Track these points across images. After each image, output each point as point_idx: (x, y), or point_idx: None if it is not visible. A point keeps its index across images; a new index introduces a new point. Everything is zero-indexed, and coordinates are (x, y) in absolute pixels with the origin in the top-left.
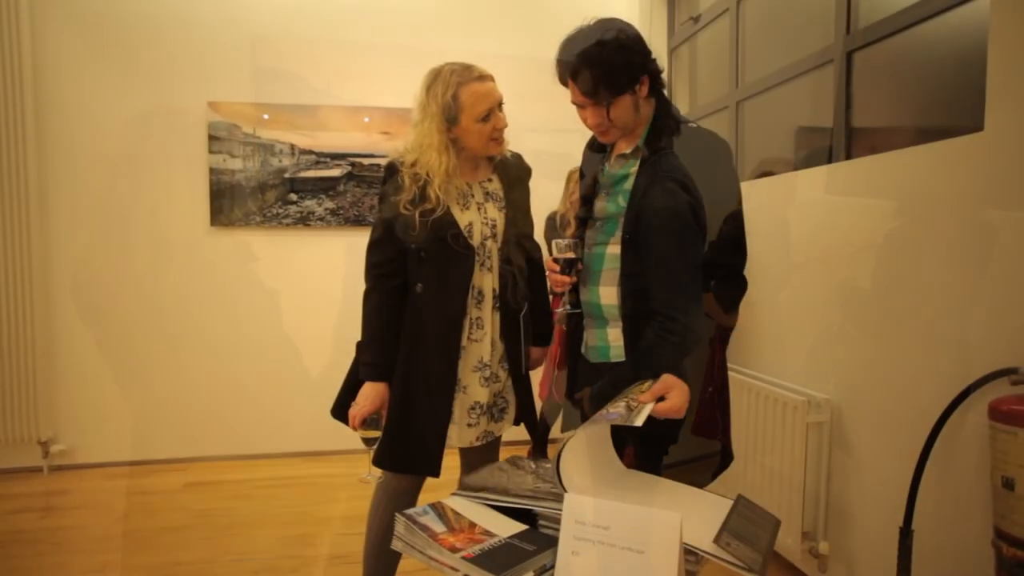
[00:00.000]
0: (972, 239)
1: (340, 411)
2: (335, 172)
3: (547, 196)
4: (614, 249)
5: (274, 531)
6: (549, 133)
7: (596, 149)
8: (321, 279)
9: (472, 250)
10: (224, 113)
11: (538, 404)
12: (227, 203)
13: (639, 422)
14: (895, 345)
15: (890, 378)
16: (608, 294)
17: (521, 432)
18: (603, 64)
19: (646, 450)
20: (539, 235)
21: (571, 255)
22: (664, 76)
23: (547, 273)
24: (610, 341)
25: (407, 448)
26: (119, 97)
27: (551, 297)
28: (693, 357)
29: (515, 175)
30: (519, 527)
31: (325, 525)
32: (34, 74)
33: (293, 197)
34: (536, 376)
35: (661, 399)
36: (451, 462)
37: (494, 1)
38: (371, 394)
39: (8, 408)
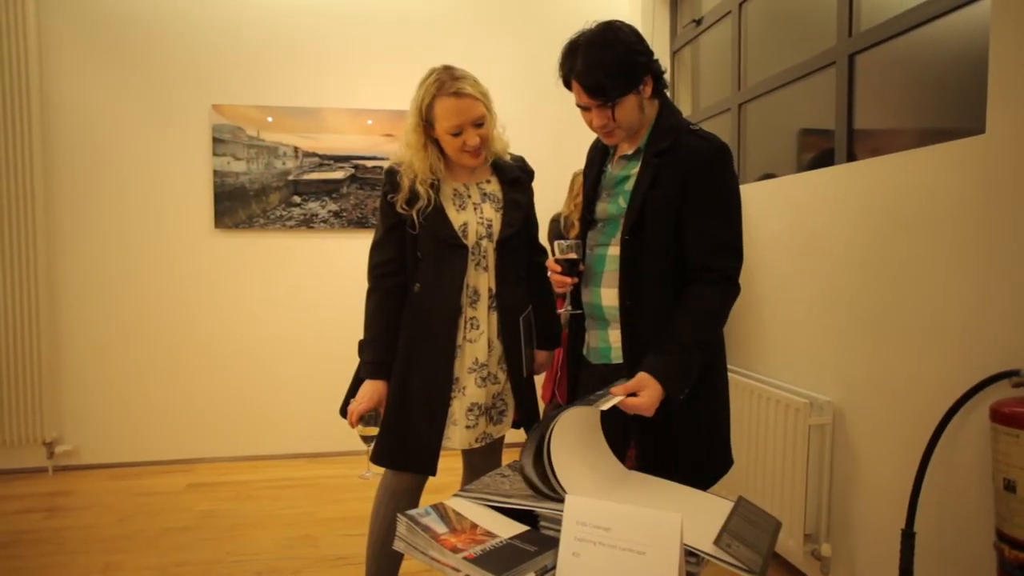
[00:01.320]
0: (973, 241)
1: (346, 410)
2: (338, 174)
3: (551, 199)
4: (615, 250)
5: (277, 532)
6: (553, 135)
7: (599, 151)
8: (324, 281)
9: (466, 249)
10: (228, 116)
11: (541, 407)
12: (231, 205)
13: (605, 407)
14: (897, 347)
15: (892, 380)
16: (610, 295)
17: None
18: (607, 65)
19: None
20: (544, 238)
21: (573, 256)
22: (666, 78)
23: (549, 274)
24: (611, 342)
25: (404, 446)
26: (124, 100)
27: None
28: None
29: (515, 177)
30: (520, 528)
31: (327, 526)
32: (40, 77)
33: (296, 199)
34: (539, 379)
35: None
36: (453, 463)
37: (497, 4)
38: (370, 391)
39: (13, 409)
